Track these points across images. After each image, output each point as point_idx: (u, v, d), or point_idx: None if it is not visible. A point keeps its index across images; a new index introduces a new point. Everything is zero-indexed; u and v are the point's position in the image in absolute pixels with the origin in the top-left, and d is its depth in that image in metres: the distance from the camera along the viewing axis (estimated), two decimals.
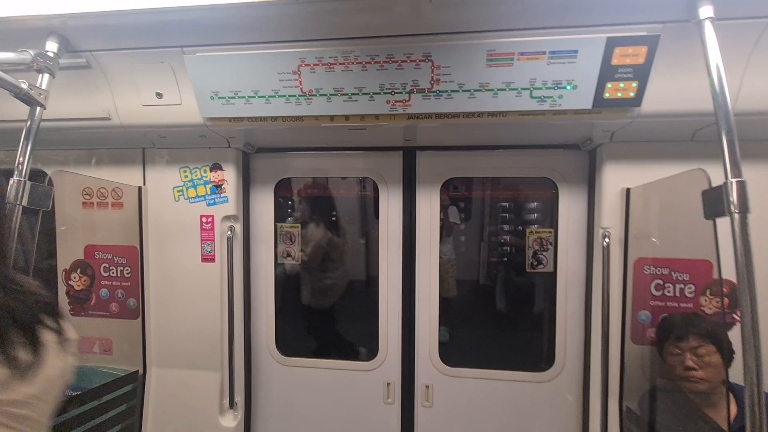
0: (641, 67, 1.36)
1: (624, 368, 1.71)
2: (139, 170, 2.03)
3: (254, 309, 2.19)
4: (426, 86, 1.47)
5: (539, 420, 2.00)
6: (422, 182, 2.04)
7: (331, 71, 1.47)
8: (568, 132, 1.75)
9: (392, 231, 2.06)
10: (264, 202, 2.15)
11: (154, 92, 1.63)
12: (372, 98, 1.51)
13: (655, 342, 1.67)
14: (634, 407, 1.67)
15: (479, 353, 2.17)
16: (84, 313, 2.07)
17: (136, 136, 1.85)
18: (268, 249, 2.17)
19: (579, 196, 1.92)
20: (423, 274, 2.05)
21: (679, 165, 1.64)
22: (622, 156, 1.73)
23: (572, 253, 1.94)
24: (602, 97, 1.42)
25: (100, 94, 1.65)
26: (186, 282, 2.01)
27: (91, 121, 1.71)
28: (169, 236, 2.01)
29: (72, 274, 2.06)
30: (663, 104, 1.44)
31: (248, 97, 1.56)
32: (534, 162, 1.97)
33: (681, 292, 1.67)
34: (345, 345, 2.47)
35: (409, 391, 2.10)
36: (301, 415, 2.18)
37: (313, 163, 2.16)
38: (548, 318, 2.02)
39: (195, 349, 2.03)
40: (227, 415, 2.05)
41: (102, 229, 2.03)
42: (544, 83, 1.42)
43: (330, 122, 1.61)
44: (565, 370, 1.97)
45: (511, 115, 1.50)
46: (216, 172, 1.97)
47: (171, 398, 2.05)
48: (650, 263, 1.69)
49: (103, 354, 2.07)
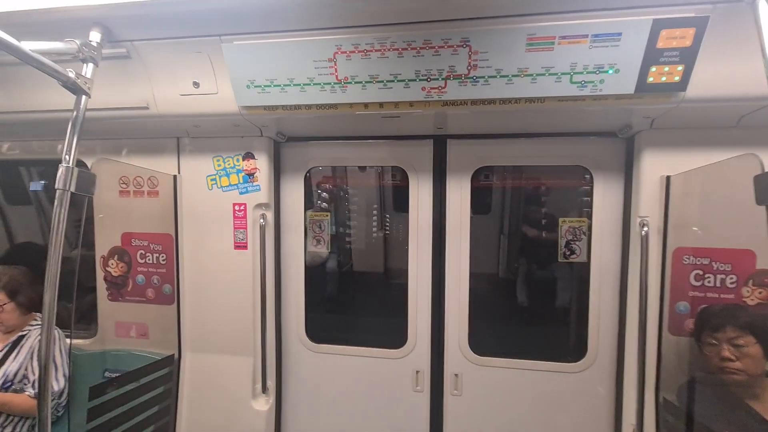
0: (688, 50, 1.32)
1: (661, 359, 1.69)
2: (173, 159, 2.07)
3: (284, 296, 2.23)
4: (463, 72, 1.45)
5: (569, 411, 1.99)
6: (453, 171, 2.03)
7: (367, 58, 1.46)
8: (606, 119, 1.71)
9: (422, 220, 2.06)
10: (294, 190, 2.18)
11: (192, 81, 1.65)
12: (407, 85, 1.51)
13: (693, 333, 1.64)
14: (671, 398, 1.65)
15: (509, 343, 2.16)
16: (121, 299, 2.14)
17: (171, 125, 1.89)
18: (298, 237, 2.20)
19: (615, 184, 1.88)
20: (453, 263, 2.05)
21: (721, 152, 1.60)
22: (661, 143, 1.68)
23: (607, 243, 1.90)
24: (645, 82, 1.39)
25: (139, 84, 1.68)
26: (219, 269, 2.06)
27: (130, 110, 1.75)
28: (203, 224, 2.06)
29: (110, 261, 2.13)
30: (709, 88, 1.39)
31: (284, 85, 1.58)
32: (568, 150, 1.93)
33: (722, 283, 1.63)
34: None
35: (438, 379, 2.11)
36: (331, 401, 2.21)
37: (343, 152, 2.17)
38: (581, 308, 2.00)
39: (228, 335, 2.08)
40: (260, 399, 2.10)
41: (138, 217, 2.09)
42: (585, 68, 1.39)
43: (364, 110, 1.61)
44: (597, 361, 1.94)
45: (549, 101, 1.48)
46: (249, 160, 1.99)
47: (205, 382, 2.11)
48: (690, 253, 1.66)
49: (140, 338, 2.14)
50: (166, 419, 2.05)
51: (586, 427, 1.98)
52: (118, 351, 2.12)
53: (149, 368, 2.01)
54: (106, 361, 2.11)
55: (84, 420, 1.75)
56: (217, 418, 2.10)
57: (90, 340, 2.18)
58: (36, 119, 1.84)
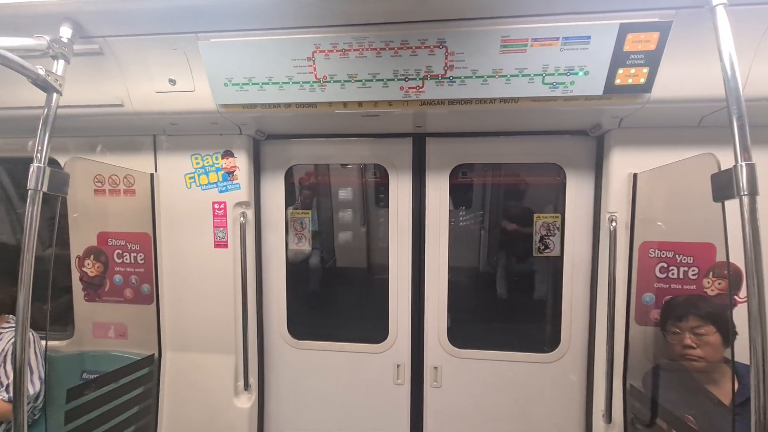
0: (653, 53, 1.38)
1: (628, 348, 1.77)
2: (150, 157, 2.04)
3: (266, 293, 2.23)
4: (440, 72, 1.48)
5: (544, 399, 2.07)
6: (431, 168, 2.06)
7: (346, 57, 1.48)
8: (577, 118, 1.77)
9: (402, 216, 2.10)
10: (275, 188, 2.17)
11: (168, 79, 1.63)
12: (386, 85, 1.53)
13: (658, 323, 1.72)
14: (637, 385, 1.74)
15: (486, 335, 2.22)
16: (98, 299, 2.11)
17: (147, 123, 1.86)
18: (279, 235, 2.20)
19: (586, 181, 1.95)
20: (432, 259, 2.09)
21: (684, 151, 1.68)
22: (629, 142, 1.76)
23: (579, 238, 1.98)
24: (613, 84, 1.44)
25: (113, 81, 1.65)
26: (199, 268, 2.05)
27: (104, 108, 1.72)
28: (182, 223, 2.04)
29: (85, 261, 2.08)
30: (673, 90, 1.46)
31: (262, 83, 1.57)
32: (542, 148, 1.99)
33: (685, 275, 1.72)
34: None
35: (418, 372, 2.16)
36: (313, 396, 2.24)
37: (324, 150, 2.18)
38: (555, 300, 2.07)
39: (209, 333, 2.07)
40: (242, 396, 2.11)
41: (114, 217, 2.05)
42: (557, 69, 1.44)
43: (343, 108, 1.62)
44: (570, 351, 2.03)
45: (523, 101, 1.52)
46: (228, 158, 1.98)
47: (186, 381, 2.11)
48: (655, 247, 1.74)
49: (119, 339, 2.11)
50: (147, 419, 2.04)
51: (560, 414, 2.07)
52: (96, 352, 2.09)
53: (129, 368, 1.99)
54: (84, 362, 2.08)
55: (62, 423, 1.73)
56: (199, 416, 2.10)
57: (66, 342, 2.14)
58: (5, 116, 1.78)
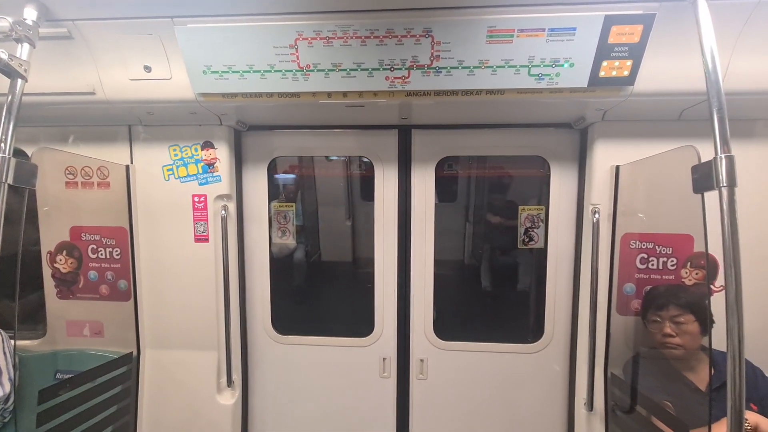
0: (636, 46, 1.39)
1: (609, 338, 1.81)
2: (125, 149, 1.96)
3: (249, 288, 2.19)
4: (426, 62, 1.46)
5: (528, 389, 2.10)
6: (417, 161, 2.05)
7: (330, 46, 1.44)
8: (561, 111, 1.78)
9: (388, 209, 2.08)
10: (257, 181, 2.12)
11: (142, 66, 1.56)
12: (371, 74, 1.50)
13: (639, 312, 1.76)
14: (618, 373, 1.77)
15: (472, 327, 2.24)
16: (72, 296, 2.02)
17: (122, 112, 1.78)
18: (261, 228, 2.15)
19: (570, 173, 1.97)
20: (418, 251, 2.08)
21: (665, 143, 1.70)
22: (612, 135, 1.77)
23: (562, 229, 2.00)
24: (597, 76, 1.45)
25: (84, 67, 1.57)
26: (179, 262, 1.99)
27: (75, 95, 1.63)
28: (160, 216, 1.97)
29: (57, 257, 1.99)
30: (655, 83, 1.48)
31: (242, 71, 1.52)
32: (527, 141, 2.00)
33: (664, 265, 1.76)
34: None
35: (404, 365, 2.16)
36: (298, 391, 2.21)
37: (308, 141, 2.13)
38: (538, 292, 2.10)
39: (190, 330, 2.02)
40: (225, 393, 2.07)
41: (88, 210, 1.96)
42: (543, 61, 1.43)
43: (327, 99, 1.58)
44: (553, 341, 2.06)
45: (509, 93, 1.52)
46: (207, 150, 1.92)
47: (167, 378, 2.05)
48: (636, 238, 1.77)
49: (94, 337, 2.03)
50: (126, 419, 1.98)
51: (543, 403, 2.10)
52: (70, 351, 2.00)
53: (105, 367, 1.92)
54: (58, 362, 1.99)
55: (33, 425, 1.66)
56: (180, 414, 2.05)
57: (38, 341, 2.04)
58: None
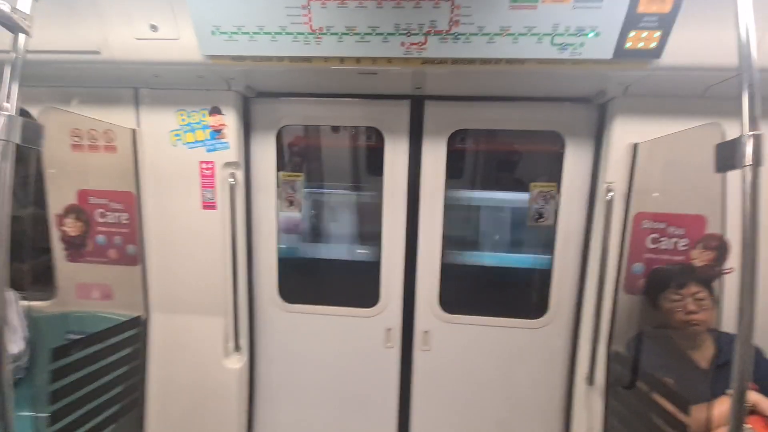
0: (667, 16, 1.32)
1: (615, 316, 1.82)
2: (131, 112, 1.91)
3: (256, 256, 2.20)
4: (444, 28, 1.39)
5: (530, 364, 2.13)
6: (429, 133, 2.00)
7: (344, 7, 1.37)
8: (582, 84, 1.71)
9: (397, 182, 2.05)
10: (266, 149, 2.08)
11: (149, 24, 1.50)
12: (386, 39, 1.44)
13: (646, 290, 1.76)
14: (621, 351, 1.80)
15: (477, 301, 2.25)
16: (81, 259, 2.04)
17: (127, 73, 1.73)
18: (269, 197, 2.14)
19: (585, 150, 1.92)
20: (426, 224, 2.07)
21: (687, 121, 1.65)
22: (633, 110, 1.72)
23: (574, 207, 1.97)
24: (623, 47, 1.39)
25: (89, 25, 1.51)
26: (187, 229, 1.99)
27: (79, 54, 1.58)
28: (168, 182, 1.95)
29: (65, 219, 1.99)
30: (682, 57, 1.41)
31: (253, 33, 1.46)
32: (543, 115, 1.94)
33: (674, 246, 1.75)
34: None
35: (408, 336, 2.19)
36: (304, 358, 2.26)
37: (317, 110, 2.08)
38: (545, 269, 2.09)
39: (198, 295, 2.04)
40: (232, 357, 2.11)
41: (95, 174, 1.95)
42: (567, 29, 1.37)
43: (340, 65, 1.53)
44: (557, 318, 2.07)
45: (529, 63, 1.46)
46: (215, 116, 1.88)
47: (175, 342, 2.09)
48: (649, 218, 1.75)
49: (104, 300, 2.06)
50: (136, 378, 2.04)
51: (544, 378, 2.14)
52: (81, 313, 2.04)
53: (116, 329, 1.95)
54: (69, 323, 2.03)
55: (47, 382, 1.71)
56: (188, 376, 2.11)
57: (48, 303, 2.08)
58: None
